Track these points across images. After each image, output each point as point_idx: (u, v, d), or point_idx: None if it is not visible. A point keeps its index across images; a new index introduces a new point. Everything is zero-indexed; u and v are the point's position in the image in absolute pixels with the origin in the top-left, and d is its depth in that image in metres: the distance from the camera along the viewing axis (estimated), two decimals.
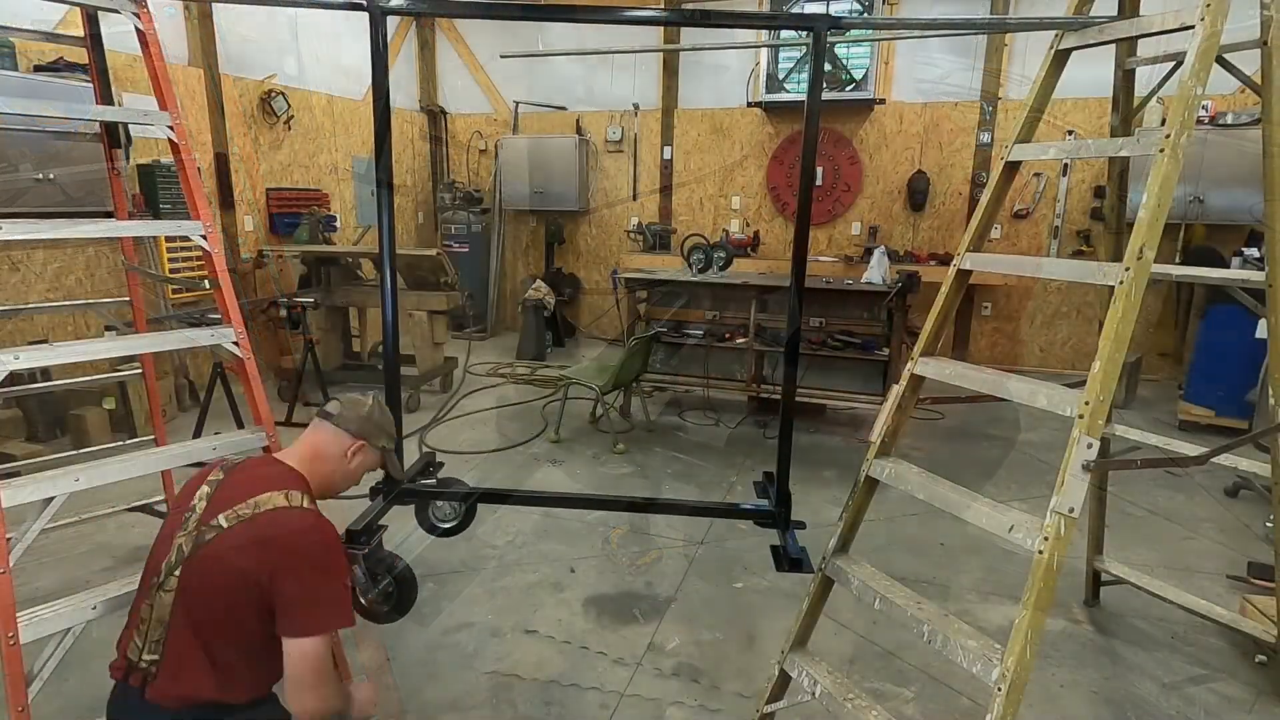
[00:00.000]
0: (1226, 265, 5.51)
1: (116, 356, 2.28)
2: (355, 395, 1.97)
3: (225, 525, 1.62)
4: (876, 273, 5.52)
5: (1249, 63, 2.24)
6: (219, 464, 1.80)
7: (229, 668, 1.62)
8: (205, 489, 1.71)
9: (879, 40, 6.71)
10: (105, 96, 2.69)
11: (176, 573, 1.61)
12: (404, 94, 8.67)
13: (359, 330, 6.68)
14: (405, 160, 8.71)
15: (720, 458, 4.91)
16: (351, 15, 2.34)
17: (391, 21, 7.47)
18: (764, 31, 6.63)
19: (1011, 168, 2.07)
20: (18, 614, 1.76)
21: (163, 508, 3.32)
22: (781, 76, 7.38)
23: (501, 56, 6.30)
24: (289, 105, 6.66)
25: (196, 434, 4.59)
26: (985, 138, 7.16)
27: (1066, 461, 1.53)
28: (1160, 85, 2.67)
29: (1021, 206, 7.13)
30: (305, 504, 1.72)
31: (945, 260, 6.94)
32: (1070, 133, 6.78)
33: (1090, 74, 3.86)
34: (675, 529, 3.84)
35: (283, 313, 5.43)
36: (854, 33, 6.85)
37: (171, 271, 5.40)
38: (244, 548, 1.60)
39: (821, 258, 7.38)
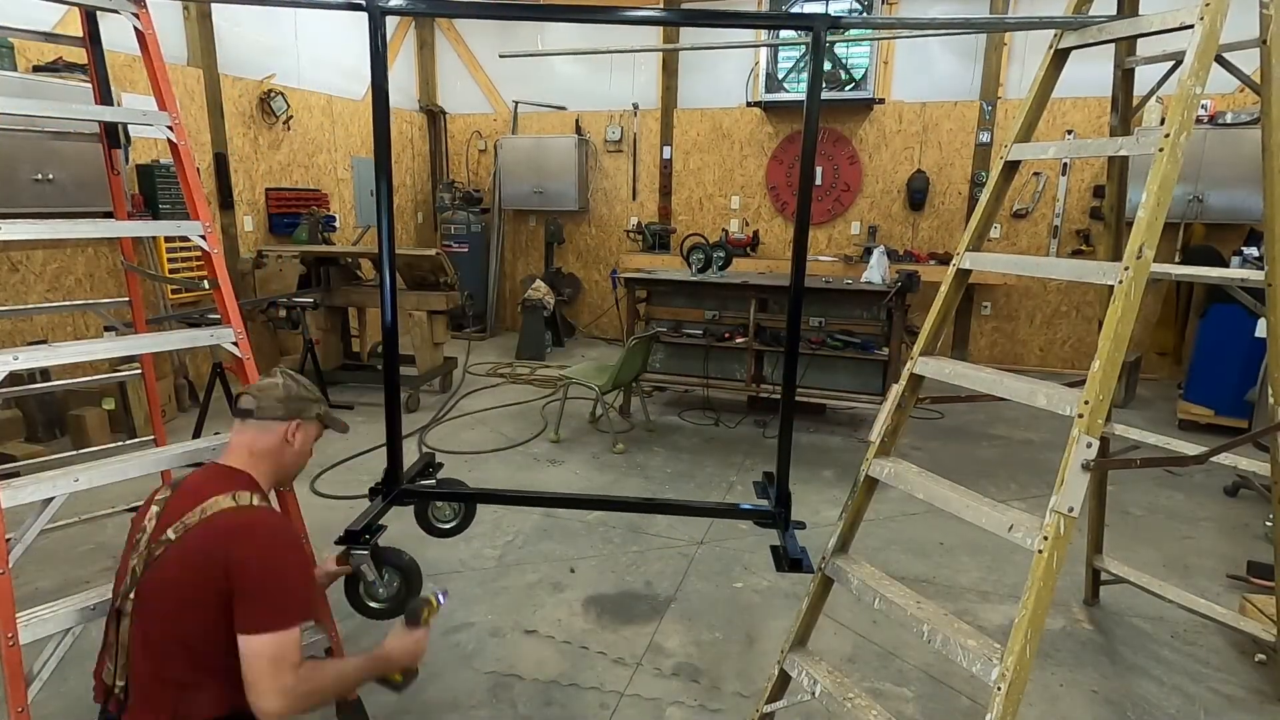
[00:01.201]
0: (1226, 265, 5.51)
1: (116, 357, 2.27)
2: (262, 382, 1.87)
3: (174, 537, 1.60)
4: (876, 272, 5.52)
5: (1249, 62, 2.24)
6: (167, 481, 1.76)
7: (187, 688, 1.57)
8: (155, 509, 1.68)
9: (878, 40, 6.72)
10: (105, 96, 2.69)
11: (131, 595, 1.60)
12: (403, 94, 8.68)
13: (358, 330, 6.68)
14: (405, 160, 8.71)
15: (720, 458, 4.91)
16: (351, 15, 2.34)
17: (391, 21, 7.49)
18: (764, 31, 6.64)
19: (1011, 167, 2.07)
20: (18, 614, 1.76)
21: None
22: (781, 76, 7.38)
23: (501, 56, 6.29)
24: (288, 105, 6.67)
25: (196, 434, 4.59)
26: (985, 137, 7.16)
27: (1066, 461, 1.53)
28: (1160, 85, 2.68)
29: (1021, 206, 7.13)
30: (254, 502, 1.70)
31: (945, 260, 6.95)
32: (1070, 132, 6.79)
33: (1090, 73, 3.88)
34: (675, 529, 3.84)
35: (282, 313, 5.44)
36: (853, 32, 6.86)
37: (171, 271, 5.40)
38: (191, 555, 1.58)
39: (821, 257, 7.38)
